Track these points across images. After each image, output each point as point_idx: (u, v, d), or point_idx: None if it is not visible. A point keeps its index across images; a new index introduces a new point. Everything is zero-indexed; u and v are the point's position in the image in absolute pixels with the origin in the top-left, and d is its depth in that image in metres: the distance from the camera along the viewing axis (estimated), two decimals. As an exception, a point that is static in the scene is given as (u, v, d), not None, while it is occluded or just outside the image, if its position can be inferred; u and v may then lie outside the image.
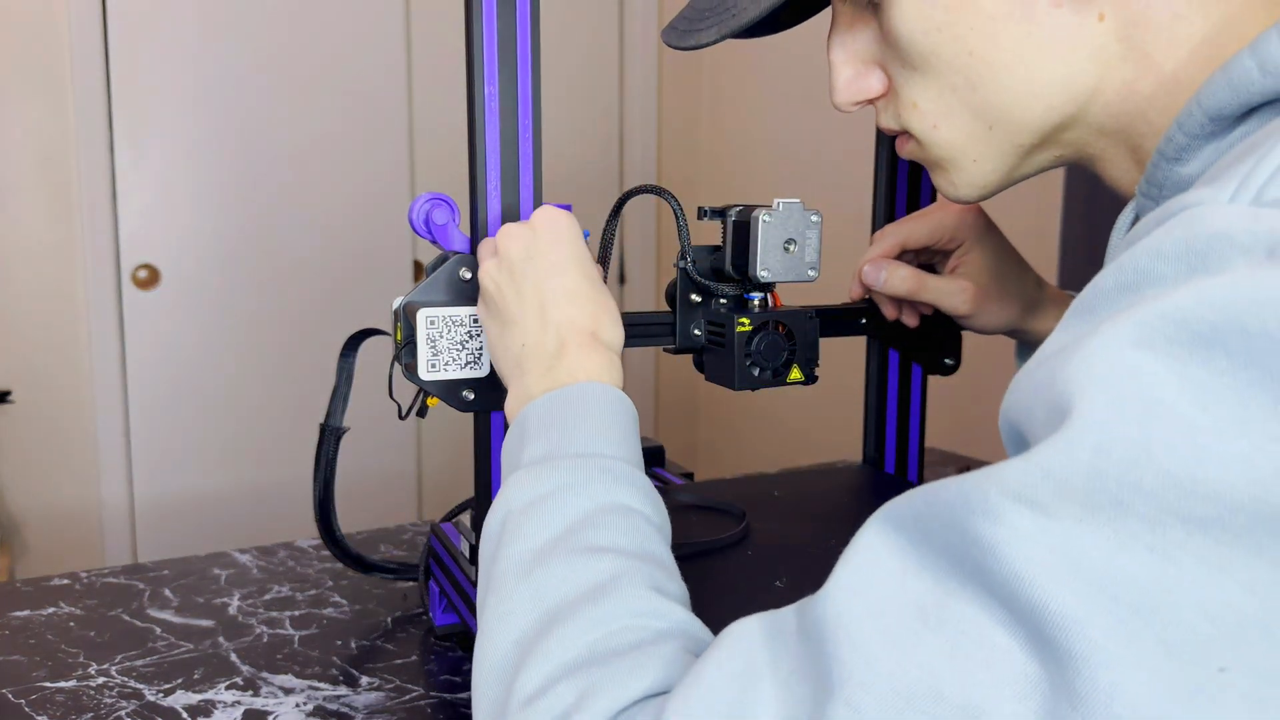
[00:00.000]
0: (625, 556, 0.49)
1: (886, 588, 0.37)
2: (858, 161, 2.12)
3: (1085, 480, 0.33)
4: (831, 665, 0.36)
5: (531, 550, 0.50)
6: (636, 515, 0.52)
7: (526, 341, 0.62)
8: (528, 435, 0.57)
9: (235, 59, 2.44)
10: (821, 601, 0.38)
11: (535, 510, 0.52)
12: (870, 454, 1.00)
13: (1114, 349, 0.34)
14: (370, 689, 0.78)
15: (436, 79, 2.64)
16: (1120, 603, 0.32)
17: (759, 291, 0.74)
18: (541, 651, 0.45)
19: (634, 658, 0.43)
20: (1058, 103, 0.50)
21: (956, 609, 0.34)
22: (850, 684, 0.35)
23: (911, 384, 0.98)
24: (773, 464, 2.25)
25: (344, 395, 0.87)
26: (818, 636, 0.37)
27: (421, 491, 2.76)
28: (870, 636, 0.36)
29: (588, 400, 0.57)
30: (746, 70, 2.74)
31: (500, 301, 0.64)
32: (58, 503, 2.41)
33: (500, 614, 0.48)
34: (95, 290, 2.37)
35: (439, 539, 0.88)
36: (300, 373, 2.55)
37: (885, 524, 0.38)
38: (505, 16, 0.70)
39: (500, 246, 0.65)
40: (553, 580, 0.48)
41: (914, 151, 0.57)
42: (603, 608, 0.46)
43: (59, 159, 2.32)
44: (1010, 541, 0.33)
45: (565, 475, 0.53)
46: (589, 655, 0.44)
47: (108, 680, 0.79)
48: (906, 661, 0.34)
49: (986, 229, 0.80)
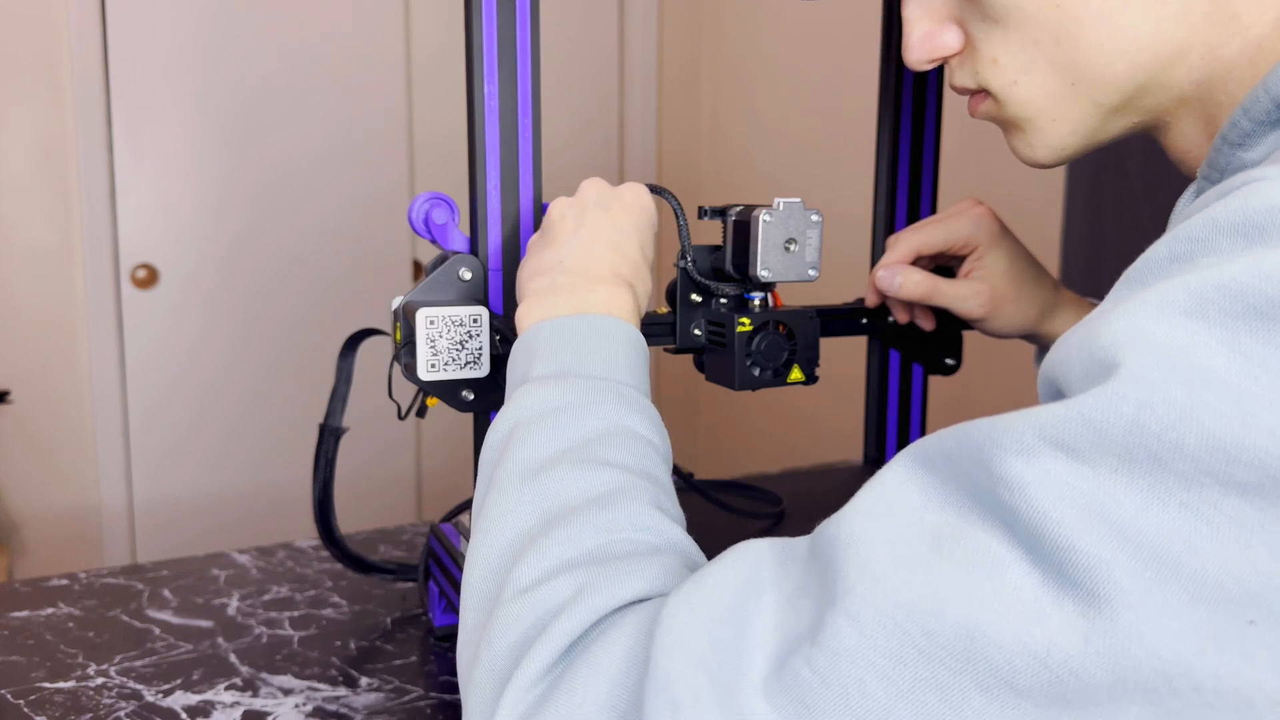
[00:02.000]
0: (631, 473, 0.49)
1: (904, 516, 0.36)
2: (858, 161, 2.12)
3: (1125, 433, 0.33)
4: (836, 580, 0.36)
5: (539, 458, 0.50)
6: (644, 441, 0.52)
7: (564, 259, 0.61)
8: (540, 351, 0.56)
9: (235, 59, 2.44)
10: (835, 522, 0.38)
11: (545, 421, 0.51)
12: (871, 454, 0.99)
13: (1165, 314, 0.34)
14: (370, 690, 0.78)
15: (436, 79, 2.64)
16: (1148, 551, 0.32)
17: (759, 291, 0.74)
18: (541, 547, 0.45)
19: (634, 562, 0.44)
20: (1143, 60, 0.49)
21: (972, 539, 0.34)
22: (852, 595, 0.35)
23: (912, 384, 0.98)
24: (773, 464, 2.25)
25: (343, 395, 0.87)
26: (827, 555, 0.37)
27: (421, 492, 2.76)
28: (880, 556, 0.36)
29: (609, 330, 0.57)
30: (747, 70, 2.74)
31: (555, 226, 0.64)
32: (57, 503, 2.41)
33: (501, 512, 0.48)
34: (94, 290, 2.37)
35: (438, 539, 0.87)
36: (299, 373, 2.55)
37: (912, 459, 0.38)
38: (505, 16, 0.70)
39: (580, 188, 0.66)
40: (558, 485, 0.48)
41: (989, 111, 0.56)
42: (606, 515, 0.46)
43: (58, 159, 2.32)
44: (1041, 481, 0.33)
45: (578, 394, 0.53)
46: (589, 555, 0.44)
47: (107, 681, 0.79)
48: (913, 580, 0.35)
49: (1002, 233, 0.80)
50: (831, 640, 0.35)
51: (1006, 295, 0.79)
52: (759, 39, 2.68)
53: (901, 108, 0.93)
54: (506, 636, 0.43)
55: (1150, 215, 1.51)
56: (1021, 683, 0.33)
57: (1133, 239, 1.54)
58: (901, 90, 0.92)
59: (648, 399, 0.56)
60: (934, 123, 0.94)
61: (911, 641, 0.34)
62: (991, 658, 0.33)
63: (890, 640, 0.34)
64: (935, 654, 0.34)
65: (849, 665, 0.35)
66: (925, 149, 0.94)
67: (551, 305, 0.59)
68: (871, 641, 0.34)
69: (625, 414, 0.52)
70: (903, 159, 0.93)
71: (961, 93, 0.57)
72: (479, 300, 0.71)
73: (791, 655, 0.36)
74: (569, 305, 0.59)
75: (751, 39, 2.71)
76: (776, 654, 0.36)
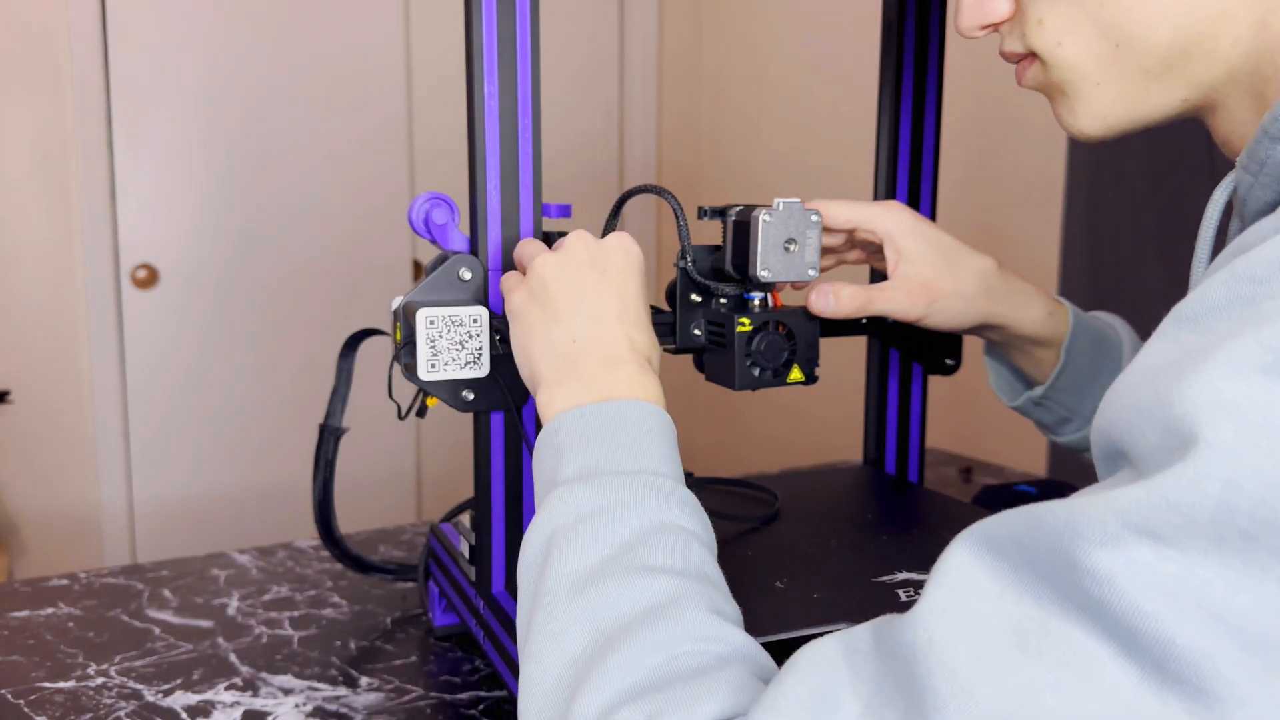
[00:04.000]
0: (682, 577, 0.47)
1: (982, 612, 0.35)
2: (858, 162, 2.12)
3: (1213, 514, 0.31)
4: (924, 692, 0.35)
5: (582, 570, 0.48)
6: (689, 535, 0.50)
7: (577, 338, 0.59)
8: (568, 447, 0.54)
9: (234, 58, 2.44)
10: (911, 623, 0.37)
11: (584, 527, 0.49)
12: (871, 454, 0.99)
13: (1240, 374, 0.32)
14: (369, 690, 0.78)
15: (436, 79, 2.64)
16: (1251, 636, 0.31)
17: (759, 291, 0.73)
18: (600, 674, 0.43)
19: (700, 682, 0.42)
20: (1186, 23, 0.48)
21: (1061, 635, 0.33)
22: (946, 711, 0.34)
23: (912, 384, 0.98)
24: (773, 464, 2.25)
25: (343, 395, 0.87)
26: (906, 659, 0.36)
27: (421, 492, 2.76)
28: (965, 661, 0.34)
29: (637, 417, 0.55)
30: (747, 70, 2.74)
31: (553, 293, 0.61)
32: (57, 503, 2.41)
33: (550, 633, 0.46)
34: (94, 290, 2.37)
35: (438, 540, 0.87)
36: (300, 373, 2.55)
37: (980, 546, 0.37)
38: (505, 16, 0.70)
39: (565, 242, 0.63)
40: (607, 600, 0.46)
41: (1035, 77, 0.56)
42: (662, 630, 0.44)
43: (58, 158, 2.32)
44: (1130, 573, 0.32)
45: (613, 493, 0.51)
46: (652, 679, 0.42)
47: (107, 681, 0.79)
48: (1004, 687, 0.33)
49: (916, 220, 0.75)
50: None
51: (941, 286, 0.73)
52: (759, 39, 2.68)
53: (901, 108, 0.93)
54: None
55: (1150, 215, 1.51)
56: None
57: (1132, 240, 1.54)
58: (901, 90, 0.92)
59: (683, 485, 0.54)
60: (934, 123, 0.94)
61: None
62: None
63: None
64: None
65: None
66: (925, 149, 0.94)
67: (573, 393, 0.57)
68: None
69: (665, 508, 0.51)
70: (902, 159, 0.94)
71: (1010, 59, 0.57)
72: (479, 300, 0.71)
73: None
74: (592, 392, 0.57)
75: (751, 39, 2.71)
76: None
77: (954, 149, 1.48)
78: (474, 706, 0.76)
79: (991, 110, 1.97)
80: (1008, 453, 1.89)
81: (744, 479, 0.95)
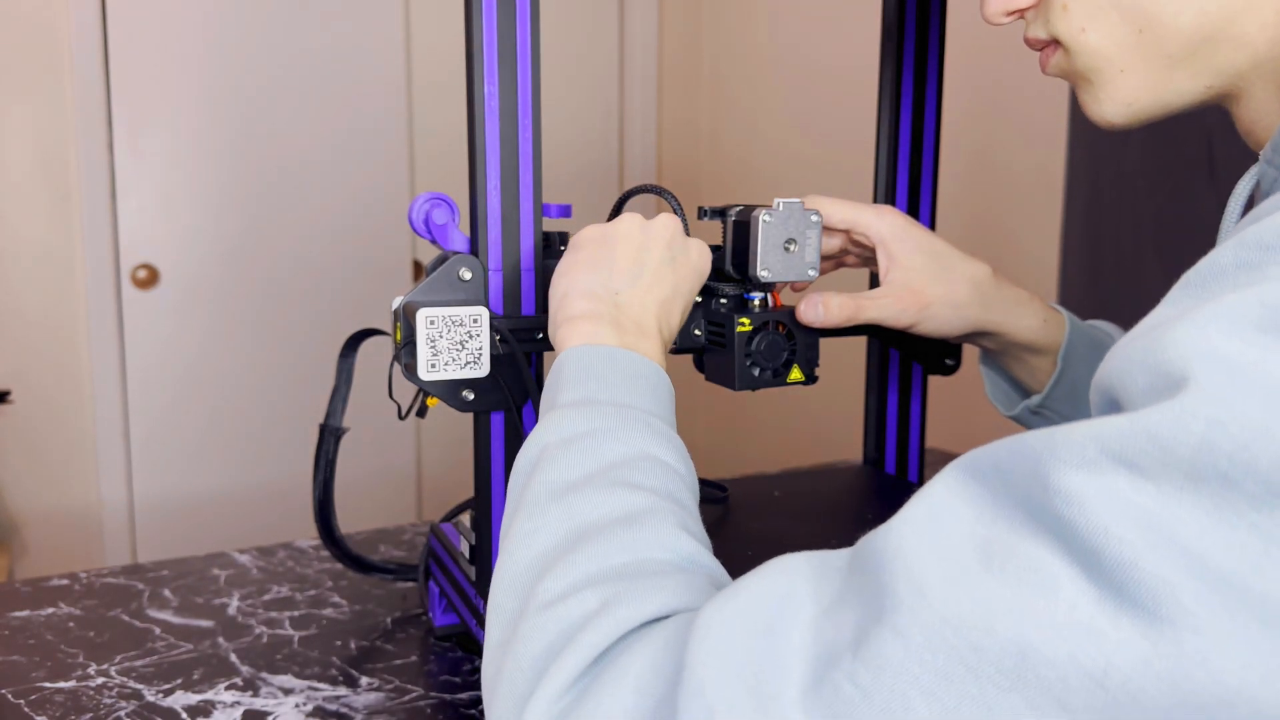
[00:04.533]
0: (658, 496, 0.49)
1: (953, 530, 0.35)
2: (858, 161, 2.12)
3: (1193, 451, 0.31)
4: (884, 595, 0.35)
5: (566, 480, 0.49)
6: (669, 469, 0.52)
7: (620, 293, 0.61)
8: (571, 376, 0.56)
9: (235, 58, 2.44)
10: (880, 535, 0.37)
11: (573, 445, 0.51)
12: (871, 454, 0.99)
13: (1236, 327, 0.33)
14: (370, 689, 0.78)
15: (436, 79, 2.64)
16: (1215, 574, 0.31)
17: (759, 291, 0.74)
18: (566, 563, 0.44)
19: (660, 579, 0.43)
20: (1211, 8, 0.48)
21: (1025, 554, 0.33)
22: (899, 610, 0.34)
23: (912, 384, 0.98)
24: (773, 464, 2.25)
25: (344, 395, 0.87)
26: (872, 567, 0.36)
27: (421, 492, 2.76)
28: (928, 570, 0.34)
29: (643, 370, 0.57)
30: (747, 70, 2.74)
31: (620, 248, 0.63)
32: (57, 503, 2.41)
33: (527, 531, 0.48)
34: (95, 290, 2.37)
35: (438, 539, 0.87)
36: (300, 373, 2.55)
37: (961, 471, 0.37)
38: (505, 16, 0.70)
39: (660, 220, 0.66)
40: (585, 505, 0.47)
41: (1060, 64, 0.56)
42: (633, 534, 0.46)
43: (59, 159, 2.32)
44: (1102, 496, 0.32)
45: (606, 420, 0.52)
46: (615, 571, 0.44)
47: (107, 681, 0.79)
48: (961, 596, 0.33)
49: (908, 225, 0.74)
50: (875, 655, 0.34)
51: (932, 293, 0.72)
52: (759, 39, 2.68)
53: (901, 108, 0.93)
54: (530, 649, 0.42)
55: (1150, 215, 1.51)
56: (1074, 702, 0.32)
57: (1132, 240, 1.54)
58: (901, 91, 0.92)
59: (674, 432, 0.55)
60: (934, 123, 0.94)
61: (959, 658, 0.33)
62: (1044, 676, 0.32)
63: (937, 656, 0.33)
64: (984, 671, 0.33)
65: (893, 680, 0.34)
66: (925, 149, 0.94)
67: (595, 334, 0.59)
68: (917, 656, 0.33)
69: (651, 442, 0.52)
70: (902, 159, 0.94)
71: (1034, 46, 0.57)
72: (479, 300, 0.71)
73: (831, 669, 0.35)
74: (614, 338, 0.59)
75: (752, 39, 2.71)
76: (815, 667, 0.35)
77: (954, 149, 1.48)
78: (474, 706, 0.76)
79: (991, 110, 1.97)
80: (1008, 453, 1.89)
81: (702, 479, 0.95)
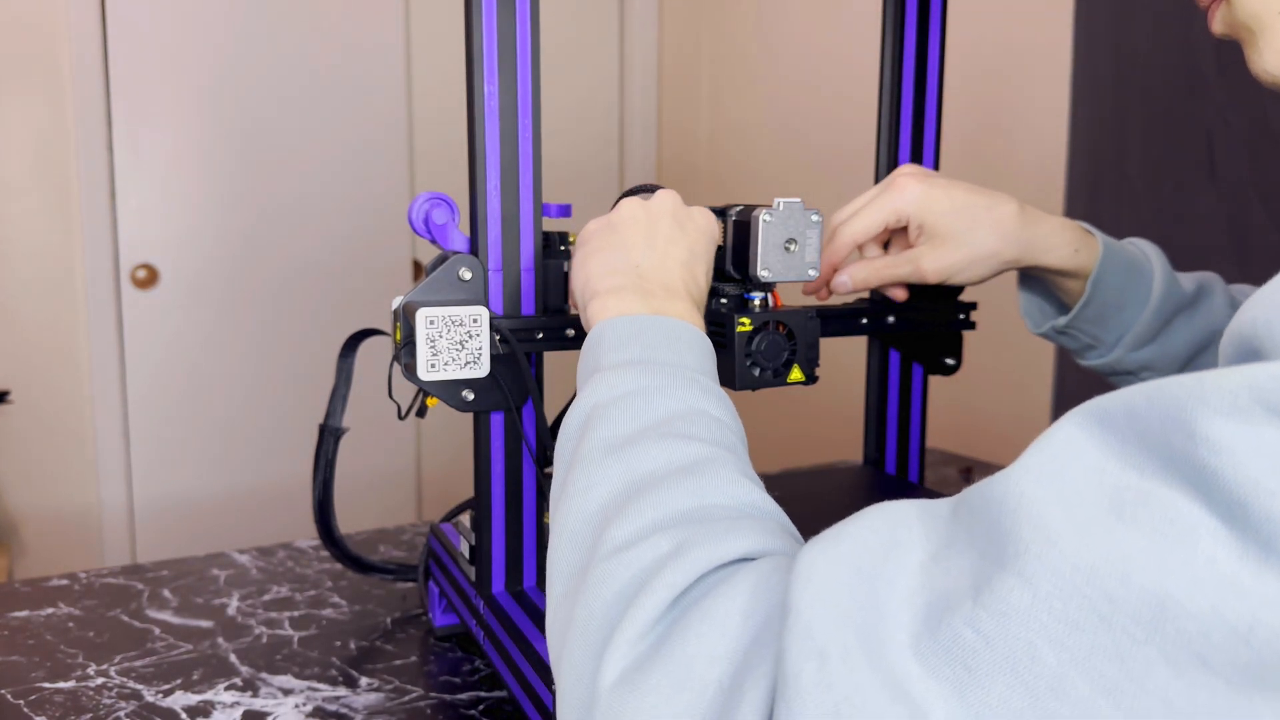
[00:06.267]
0: (716, 446, 0.48)
1: (1080, 476, 0.33)
2: (858, 161, 2.12)
3: None
4: (1006, 540, 0.33)
5: (621, 434, 0.48)
6: (722, 424, 0.51)
7: (641, 264, 0.61)
8: (612, 343, 0.56)
9: (234, 58, 2.44)
10: (999, 482, 0.35)
11: (624, 402, 0.50)
12: (871, 454, 0.99)
13: None
14: (369, 690, 0.78)
15: (436, 79, 2.64)
16: None
17: (759, 291, 0.74)
18: (633, 509, 0.43)
19: (731, 523, 0.42)
20: None
21: (1161, 504, 0.31)
22: (1026, 556, 0.32)
23: (912, 384, 0.98)
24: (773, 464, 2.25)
25: (343, 395, 0.87)
26: (991, 514, 0.34)
27: (421, 492, 2.76)
28: (1056, 517, 0.32)
29: (683, 333, 0.56)
30: (747, 70, 2.74)
31: (628, 227, 0.64)
32: (57, 503, 2.41)
33: (583, 486, 0.47)
34: (94, 290, 2.37)
35: (438, 540, 0.87)
36: (300, 373, 2.55)
37: (1086, 416, 0.35)
38: (505, 16, 0.70)
39: (657, 196, 0.66)
40: (643, 456, 0.47)
41: (1224, 19, 0.56)
42: (696, 481, 0.45)
43: (58, 158, 2.32)
44: (1252, 446, 0.30)
45: (655, 378, 0.52)
46: (684, 515, 0.43)
47: (107, 681, 0.79)
48: (1095, 544, 0.31)
49: (925, 191, 0.76)
50: (999, 601, 0.32)
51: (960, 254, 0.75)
52: (759, 39, 2.68)
53: (901, 108, 0.93)
54: (603, 595, 0.41)
55: (1150, 215, 1.51)
56: (1215, 659, 0.30)
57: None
58: (901, 91, 0.92)
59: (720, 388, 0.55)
60: (934, 123, 0.94)
61: (1091, 606, 0.31)
62: (1184, 629, 0.30)
63: (1068, 604, 0.31)
64: (1118, 621, 0.31)
65: (1019, 628, 0.32)
66: (925, 150, 0.94)
67: (628, 304, 0.59)
68: (1046, 604, 0.32)
69: (702, 398, 0.52)
70: (902, 160, 0.93)
71: (1202, 4, 0.57)
72: (479, 300, 0.71)
73: (949, 615, 0.33)
74: (647, 308, 0.58)
75: (751, 39, 2.71)
76: (929, 613, 0.34)
77: (955, 149, 1.48)
78: (474, 706, 0.76)
79: (992, 110, 1.97)
80: (1008, 453, 1.89)
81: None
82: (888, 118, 0.93)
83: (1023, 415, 1.95)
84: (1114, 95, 1.58)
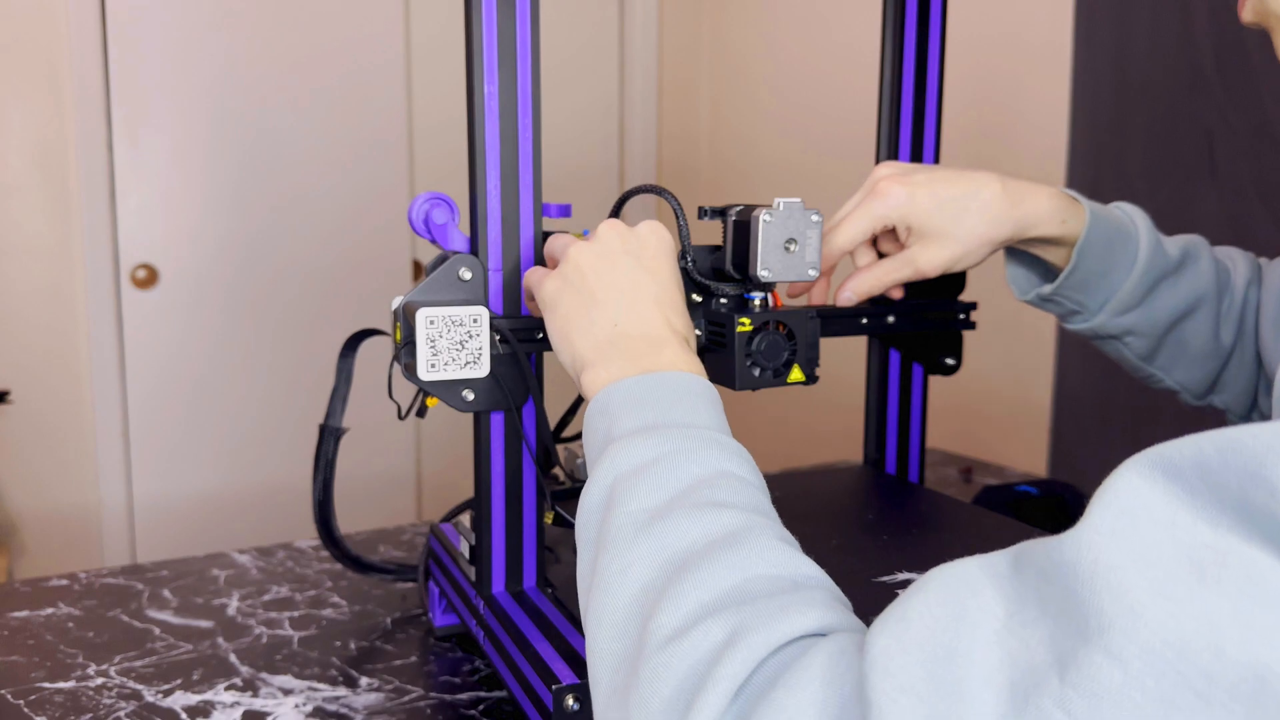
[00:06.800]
0: (748, 512, 0.47)
1: (1154, 536, 0.32)
2: (858, 161, 2.12)
3: None
4: (1087, 613, 0.32)
5: (648, 508, 0.47)
6: (748, 484, 0.50)
7: (618, 321, 0.60)
8: (619, 411, 0.54)
9: (235, 59, 2.44)
10: (1072, 543, 0.34)
11: (647, 472, 0.49)
12: (871, 454, 0.99)
13: None
14: (369, 690, 0.78)
15: (436, 79, 2.64)
16: None
17: (759, 291, 0.73)
18: (676, 593, 0.42)
19: (781, 599, 0.41)
20: None
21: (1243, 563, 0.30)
22: (1111, 631, 0.31)
23: (912, 384, 0.98)
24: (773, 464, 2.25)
25: (343, 396, 0.87)
26: (1064, 580, 0.33)
27: (421, 492, 2.76)
28: (1136, 584, 0.31)
29: (685, 385, 0.55)
30: (747, 70, 2.74)
31: (590, 280, 0.62)
32: (56, 503, 2.41)
33: (618, 569, 0.45)
34: (94, 290, 2.37)
35: (438, 540, 0.87)
36: (300, 373, 2.55)
37: (1152, 469, 0.33)
38: (505, 16, 0.70)
39: (597, 232, 0.64)
40: (676, 532, 0.45)
41: (1255, 8, 0.56)
42: (737, 553, 0.43)
43: (57, 158, 2.32)
44: None
45: (674, 443, 0.50)
46: (731, 596, 0.41)
47: (106, 681, 0.79)
48: (1180, 613, 0.30)
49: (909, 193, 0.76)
50: (1089, 681, 0.31)
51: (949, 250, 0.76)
52: (759, 39, 2.68)
53: (901, 108, 0.93)
54: (660, 691, 0.40)
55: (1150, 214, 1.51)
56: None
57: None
58: (901, 91, 0.92)
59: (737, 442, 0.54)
60: (935, 124, 0.94)
61: (1187, 684, 0.30)
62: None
63: (1161, 682, 0.30)
64: (1217, 699, 0.29)
65: (1112, 710, 0.30)
66: (925, 150, 0.94)
67: (620, 369, 0.57)
68: (1138, 683, 0.30)
69: (723, 459, 0.50)
70: (902, 160, 0.94)
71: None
72: (479, 300, 0.71)
73: (1035, 694, 0.32)
74: (639, 366, 0.57)
75: (751, 39, 2.71)
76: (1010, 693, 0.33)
77: (955, 149, 1.48)
78: (474, 707, 0.76)
79: (992, 111, 1.97)
80: (1008, 453, 1.89)
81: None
82: (888, 118, 0.93)
83: (1023, 415, 1.94)
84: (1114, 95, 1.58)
